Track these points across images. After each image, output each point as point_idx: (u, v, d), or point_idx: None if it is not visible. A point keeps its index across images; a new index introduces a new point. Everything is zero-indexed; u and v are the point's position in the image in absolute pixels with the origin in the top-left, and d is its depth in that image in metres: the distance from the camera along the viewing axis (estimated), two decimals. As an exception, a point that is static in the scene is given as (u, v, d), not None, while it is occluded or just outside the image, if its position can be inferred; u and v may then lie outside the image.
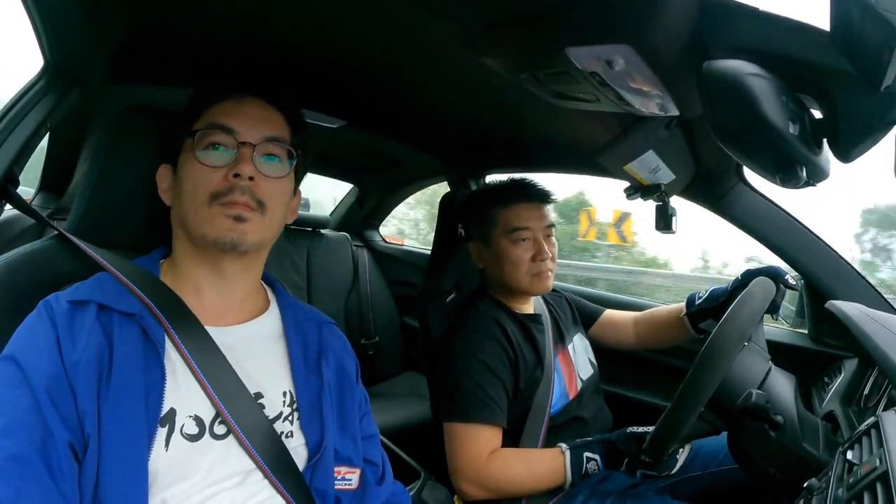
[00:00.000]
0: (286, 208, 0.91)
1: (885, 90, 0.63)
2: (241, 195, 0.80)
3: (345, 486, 0.87)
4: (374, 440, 0.99)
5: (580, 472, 1.23)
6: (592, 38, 0.83)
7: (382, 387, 2.64)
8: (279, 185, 0.86)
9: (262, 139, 0.85)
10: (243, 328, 0.87)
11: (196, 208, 0.80)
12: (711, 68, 0.73)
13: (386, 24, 1.05)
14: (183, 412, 0.74)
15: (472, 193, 1.52)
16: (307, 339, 0.92)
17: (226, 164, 0.82)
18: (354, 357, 1.01)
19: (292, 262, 2.63)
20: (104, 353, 0.71)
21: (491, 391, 1.27)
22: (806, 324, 1.67)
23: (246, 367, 0.82)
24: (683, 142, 1.32)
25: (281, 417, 0.83)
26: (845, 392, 1.26)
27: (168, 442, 0.72)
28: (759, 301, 1.07)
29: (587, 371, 1.51)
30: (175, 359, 0.77)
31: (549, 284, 1.40)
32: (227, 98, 0.87)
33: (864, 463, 0.71)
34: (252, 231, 0.81)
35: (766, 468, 1.02)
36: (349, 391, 0.94)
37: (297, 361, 0.88)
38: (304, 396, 0.86)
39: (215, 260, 0.84)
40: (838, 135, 0.76)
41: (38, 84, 1.19)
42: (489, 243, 1.41)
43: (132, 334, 0.74)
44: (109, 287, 0.79)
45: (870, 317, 1.14)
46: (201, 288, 0.85)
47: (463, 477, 1.26)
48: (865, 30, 0.57)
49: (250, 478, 0.77)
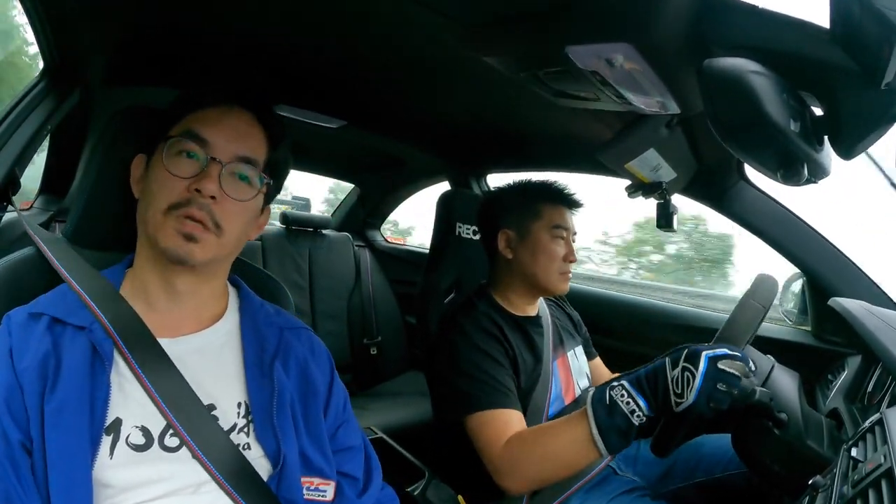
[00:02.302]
0: (247, 227, 0.88)
1: (886, 86, 0.63)
2: (198, 210, 0.78)
3: (317, 496, 0.85)
4: (353, 452, 0.94)
5: (605, 408, 1.01)
6: (593, 37, 0.83)
7: (386, 386, 2.65)
8: (242, 207, 0.84)
9: (234, 158, 0.82)
10: (196, 338, 0.85)
11: (153, 214, 0.79)
12: (712, 66, 0.73)
13: (386, 24, 1.05)
14: (129, 422, 0.74)
15: (519, 184, 1.52)
16: (264, 344, 0.89)
17: (191, 176, 0.80)
18: (328, 365, 0.97)
19: (294, 262, 2.64)
20: (49, 362, 0.73)
21: (499, 377, 1.24)
22: (809, 321, 1.67)
23: (199, 377, 0.80)
24: (684, 140, 1.32)
25: (236, 429, 0.81)
26: (849, 389, 1.26)
27: (112, 451, 0.72)
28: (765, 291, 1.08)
29: (584, 382, 1.51)
30: (124, 371, 0.76)
31: (568, 286, 1.43)
32: (213, 106, 0.85)
33: (869, 460, 0.71)
34: (202, 251, 0.80)
35: (771, 466, 1.02)
36: (314, 400, 0.89)
37: (252, 370, 0.85)
38: (259, 406, 0.83)
39: (165, 270, 0.83)
40: (839, 132, 0.76)
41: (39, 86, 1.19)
42: (526, 234, 1.42)
43: (81, 347, 0.75)
44: (70, 299, 0.80)
45: (873, 313, 1.14)
46: (154, 299, 0.84)
47: (494, 471, 1.15)
48: (865, 26, 0.57)
49: (203, 488, 0.76)
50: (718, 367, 0.94)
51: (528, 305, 1.46)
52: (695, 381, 0.93)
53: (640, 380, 1.00)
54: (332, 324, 2.65)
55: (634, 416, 0.98)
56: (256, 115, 0.88)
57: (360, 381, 2.63)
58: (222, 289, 0.92)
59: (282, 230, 2.71)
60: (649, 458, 1.44)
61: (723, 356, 0.95)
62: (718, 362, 0.94)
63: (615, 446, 1.00)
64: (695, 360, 0.95)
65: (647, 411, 0.98)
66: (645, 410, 0.98)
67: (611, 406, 1.00)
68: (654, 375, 0.99)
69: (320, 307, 2.65)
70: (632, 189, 1.52)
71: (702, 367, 0.94)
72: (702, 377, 0.93)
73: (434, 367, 1.43)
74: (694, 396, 0.93)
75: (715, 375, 0.93)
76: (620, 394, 1.00)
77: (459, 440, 1.27)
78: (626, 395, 1.00)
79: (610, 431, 1.00)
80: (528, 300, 1.46)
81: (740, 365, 0.95)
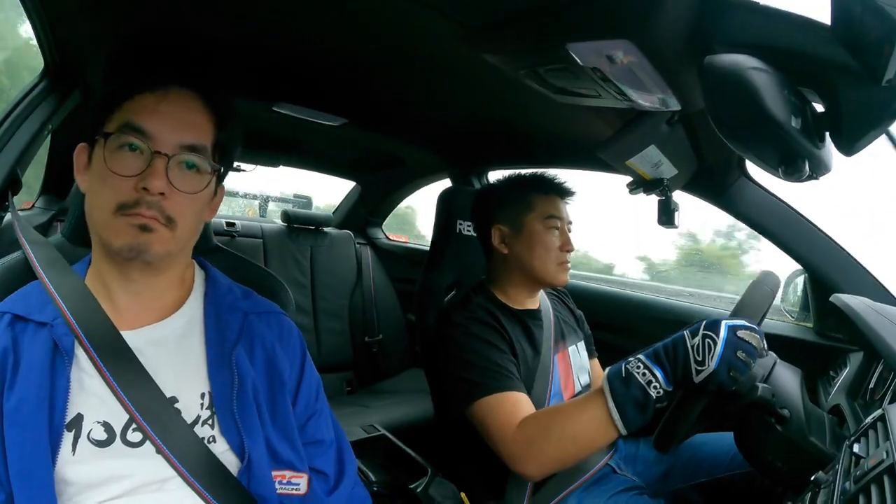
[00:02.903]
0: (201, 216, 0.85)
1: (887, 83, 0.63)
2: (147, 209, 0.75)
3: (291, 490, 0.82)
4: (323, 447, 0.91)
5: (622, 380, 1.00)
6: (593, 34, 0.83)
7: (387, 384, 2.66)
8: (193, 198, 0.80)
9: (179, 148, 0.78)
10: (156, 328, 0.82)
11: (102, 216, 0.76)
12: (713, 62, 0.73)
13: (386, 21, 1.05)
14: (91, 418, 0.73)
15: (509, 178, 1.52)
16: (225, 331, 0.85)
17: (136, 174, 0.75)
18: (299, 350, 0.93)
19: (295, 260, 2.65)
20: (7, 359, 0.73)
21: (501, 362, 1.23)
22: (811, 317, 1.67)
23: (159, 369, 0.78)
24: (685, 136, 1.32)
25: (200, 421, 0.78)
26: (851, 385, 1.26)
27: (75, 447, 0.71)
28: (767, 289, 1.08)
29: (585, 378, 1.51)
30: (85, 366, 0.75)
31: (567, 278, 1.42)
32: (148, 90, 0.79)
33: (871, 456, 0.71)
34: (158, 242, 0.77)
35: (773, 462, 1.02)
36: (280, 389, 0.86)
37: (213, 359, 0.82)
38: (221, 397, 0.80)
39: (122, 266, 0.80)
40: (840, 128, 0.76)
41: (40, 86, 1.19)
42: (520, 227, 1.41)
43: (41, 344, 0.74)
44: (34, 296, 0.79)
45: (875, 310, 1.14)
46: (113, 292, 0.82)
47: (506, 457, 1.12)
48: (866, 23, 0.57)
49: (169, 484, 0.75)
50: (738, 335, 0.95)
51: (527, 299, 1.46)
52: (717, 348, 0.94)
53: (658, 352, 1.01)
54: (334, 322, 2.66)
55: (651, 388, 0.98)
56: (197, 95, 0.83)
57: (361, 379, 2.64)
58: (181, 277, 0.89)
59: (283, 228, 2.71)
60: (649, 458, 1.44)
61: (741, 326, 0.97)
62: (738, 331, 0.96)
63: (633, 421, 0.99)
64: (715, 329, 0.96)
65: (665, 383, 0.98)
66: (662, 382, 0.98)
67: (627, 378, 1.00)
68: (674, 346, 1.00)
69: (322, 305, 2.66)
70: (633, 186, 1.52)
71: (723, 334, 0.95)
72: (723, 343, 0.94)
73: (433, 364, 1.43)
74: (716, 363, 0.94)
75: (735, 343, 0.95)
76: (636, 366, 1.01)
77: (462, 437, 1.27)
78: (642, 367, 1.00)
79: (627, 404, 0.99)
80: (527, 294, 1.46)
81: (757, 337, 0.96)
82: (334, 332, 2.63)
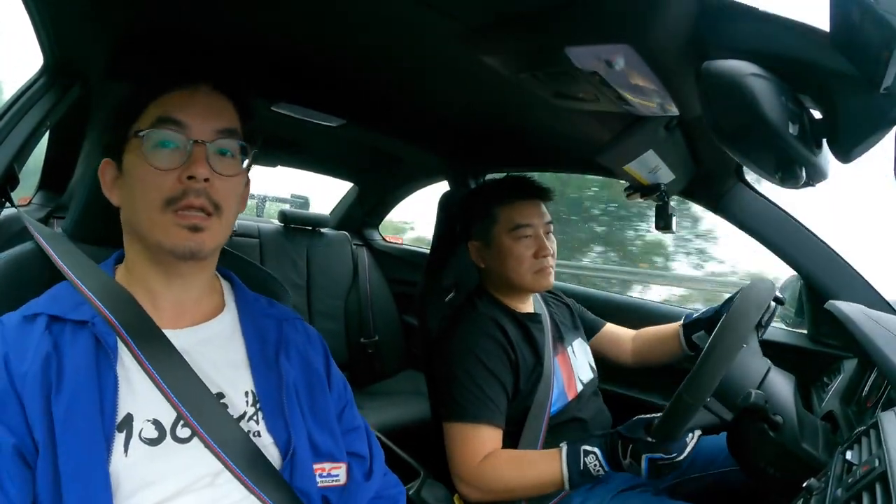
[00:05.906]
0: (239, 202, 0.87)
1: (885, 91, 0.63)
2: (196, 198, 0.76)
3: (331, 482, 0.85)
4: (358, 432, 0.96)
5: (579, 470, 1.14)
6: (592, 38, 0.83)
7: (382, 385, 2.65)
8: (234, 182, 0.82)
9: (215, 134, 0.80)
10: (199, 329, 0.85)
11: (149, 215, 0.77)
12: (711, 68, 0.73)
13: (386, 22, 1.05)
14: (141, 416, 0.73)
15: (472, 192, 1.52)
16: (265, 336, 0.89)
17: (178, 166, 0.77)
18: (323, 349, 0.98)
19: (291, 260, 2.64)
20: (51, 363, 0.71)
21: (489, 391, 1.26)
22: (805, 324, 1.67)
23: (205, 368, 0.80)
24: (683, 142, 1.32)
25: (245, 417, 0.81)
26: (844, 392, 1.26)
27: (127, 447, 0.71)
28: (762, 291, 1.09)
29: (587, 375, 1.50)
30: (130, 364, 0.75)
31: (551, 281, 1.41)
32: (176, 88, 0.81)
33: (864, 463, 0.71)
34: (210, 238, 0.79)
35: (765, 468, 1.03)
36: (319, 384, 0.91)
37: (256, 360, 0.86)
38: (266, 395, 0.83)
39: (169, 265, 0.81)
40: (838, 135, 0.76)
41: (39, 81, 1.19)
42: (490, 241, 1.40)
43: (84, 342, 0.74)
44: (65, 296, 0.78)
45: (869, 317, 1.14)
46: (155, 291, 0.82)
47: (459, 478, 1.25)
48: (865, 30, 0.58)
49: (219, 479, 0.76)
50: (658, 465, 1.09)
51: (521, 303, 1.46)
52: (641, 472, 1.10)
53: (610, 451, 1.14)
54: (329, 323, 2.65)
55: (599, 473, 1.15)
56: (223, 90, 0.85)
57: (356, 380, 2.62)
58: (212, 284, 0.91)
59: (280, 228, 2.71)
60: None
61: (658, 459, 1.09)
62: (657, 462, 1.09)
63: (577, 486, 1.18)
64: (637, 458, 1.10)
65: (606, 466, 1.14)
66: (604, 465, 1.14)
67: (584, 471, 1.14)
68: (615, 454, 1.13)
69: (317, 306, 2.65)
70: (630, 190, 1.52)
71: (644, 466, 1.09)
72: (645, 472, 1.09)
73: (432, 369, 1.43)
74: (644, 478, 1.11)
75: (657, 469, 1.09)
76: (594, 463, 1.14)
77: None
78: (597, 466, 1.14)
79: (579, 482, 1.16)
80: (518, 299, 1.46)
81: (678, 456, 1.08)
82: (330, 333, 2.60)
